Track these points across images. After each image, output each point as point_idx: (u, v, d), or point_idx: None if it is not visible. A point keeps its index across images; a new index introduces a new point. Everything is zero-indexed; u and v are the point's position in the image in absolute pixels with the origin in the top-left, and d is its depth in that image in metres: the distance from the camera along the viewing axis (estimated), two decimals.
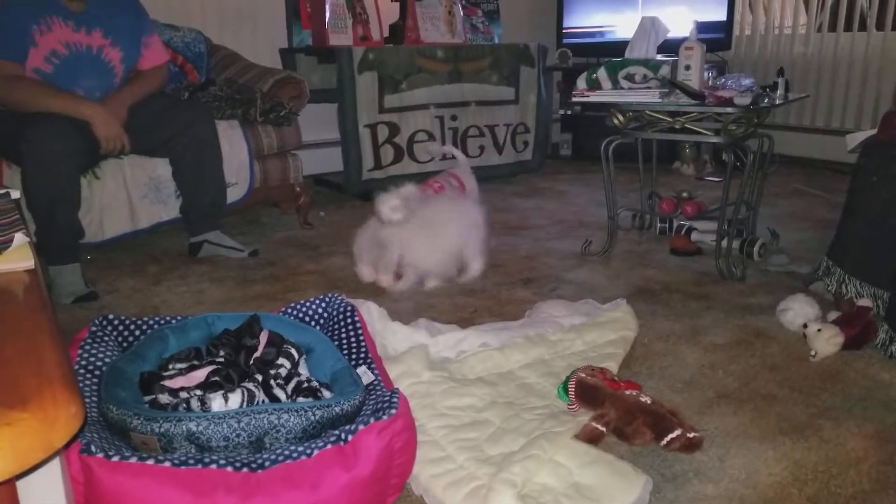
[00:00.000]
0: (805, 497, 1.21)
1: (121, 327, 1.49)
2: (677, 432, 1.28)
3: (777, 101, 2.28)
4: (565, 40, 4.52)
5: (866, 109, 3.85)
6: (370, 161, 3.38)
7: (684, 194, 2.71)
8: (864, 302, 1.84)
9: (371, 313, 1.75)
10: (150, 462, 1.01)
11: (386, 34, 3.61)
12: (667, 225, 2.71)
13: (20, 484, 0.72)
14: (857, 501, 1.20)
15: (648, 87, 2.38)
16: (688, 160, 4.07)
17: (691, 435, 1.29)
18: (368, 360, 1.45)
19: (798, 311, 1.87)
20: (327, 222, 3.07)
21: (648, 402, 1.35)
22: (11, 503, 0.69)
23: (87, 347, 1.37)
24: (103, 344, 1.41)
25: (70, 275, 2.18)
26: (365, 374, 1.38)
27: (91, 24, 2.28)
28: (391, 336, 1.73)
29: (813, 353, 1.72)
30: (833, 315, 1.86)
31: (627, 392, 1.38)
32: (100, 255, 2.50)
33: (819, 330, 1.74)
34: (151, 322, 1.52)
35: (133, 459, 1.01)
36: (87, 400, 1.23)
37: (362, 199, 3.44)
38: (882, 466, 1.29)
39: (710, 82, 2.35)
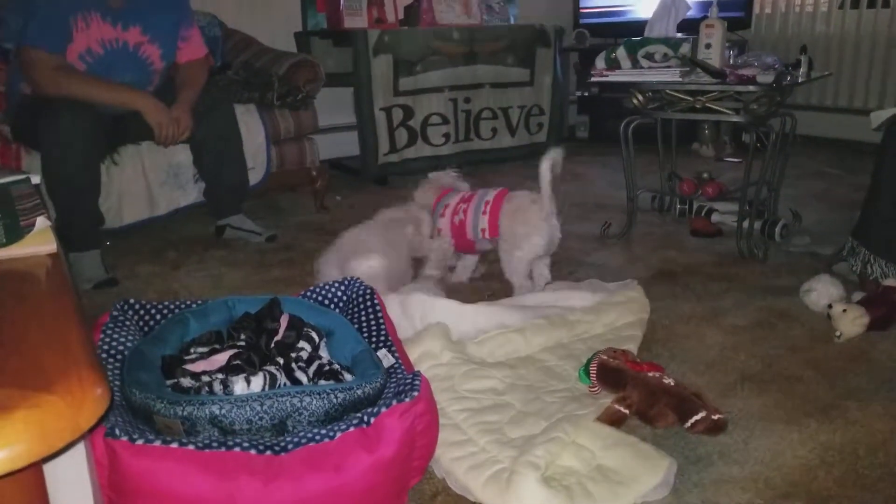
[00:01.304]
0: (832, 479, 1.19)
1: (141, 311, 1.50)
2: (701, 414, 1.27)
3: (800, 79, 2.23)
4: (582, 20, 4.46)
5: (890, 88, 3.78)
6: (386, 145, 3.37)
7: (705, 175, 2.67)
8: (890, 282, 1.80)
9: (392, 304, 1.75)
10: (175, 445, 1.01)
11: (401, 16, 3.58)
12: (687, 206, 2.68)
13: (46, 468, 0.72)
14: (886, 483, 1.18)
15: (668, 66, 2.34)
16: (707, 141, 4.01)
17: (716, 417, 1.28)
18: (389, 343, 1.44)
19: (822, 291, 1.85)
20: (344, 206, 3.06)
21: (672, 384, 1.34)
22: (38, 486, 0.69)
23: (109, 332, 1.38)
24: (125, 328, 1.42)
25: (90, 261, 2.19)
26: (385, 358, 1.37)
27: (129, 21, 2.23)
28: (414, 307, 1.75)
29: (838, 333, 1.70)
30: (858, 295, 1.83)
31: (650, 374, 1.36)
32: (119, 241, 2.52)
33: (844, 310, 1.71)
34: (172, 306, 1.53)
35: (157, 443, 1.01)
36: (110, 384, 1.24)
37: (378, 184, 3.43)
38: None
39: (731, 61, 2.31)
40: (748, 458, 1.25)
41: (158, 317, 1.50)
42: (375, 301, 1.56)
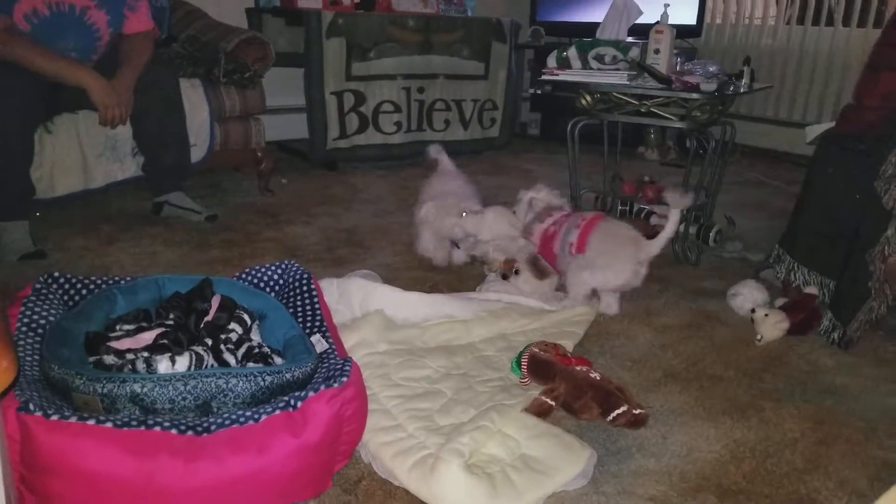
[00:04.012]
0: (741, 474, 1.25)
1: (66, 286, 1.46)
2: (623, 408, 1.31)
3: (742, 90, 2.31)
4: (538, 17, 4.49)
5: (828, 103, 3.93)
6: (335, 130, 3.34)
7: (646, 178, 2.74)
8: (811, 290, 1.89)
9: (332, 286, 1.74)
10: (91, 422, 0.99)
11: None
12: (627, 208, 2.74)
13: None
14: (791, 479, 1.24)
15: (617, 69, 2.39)
16: (652, 145, 4.11)
17: (637, 412, 1.32)
18: (323, 329, 1.44)
19: (747, 296, 1.92)
20: (288, 189, 3.02)
21: (597, 378, 1.37)
22: None
23: (31, 305, 1.34)
24: (47, 302, 1.37)
25: (17, 231, 2.11)
26: (319, 343, 1.37)
27: None
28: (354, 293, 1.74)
29: (759, 337, 1.77)
30: (781, 301, 1.91)
31: (578, 368, 1.40)
32: (50, 213, 2.43)
33: (766, 315, 1.79)
34: (99, 282, 1.49)
35: (73, 419, 0.99)
36: (28, 358, 1.20)
37: (327, 168, 3.40)
38: (816, 447, 1.34)
39: (677, 67, 2.37)
40: (665, 451, 1.29)
41: (84, 292, 1.46)
42: (312, 286, 1.56)
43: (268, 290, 1.59)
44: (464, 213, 2.09)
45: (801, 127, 2.78)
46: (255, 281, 1.60)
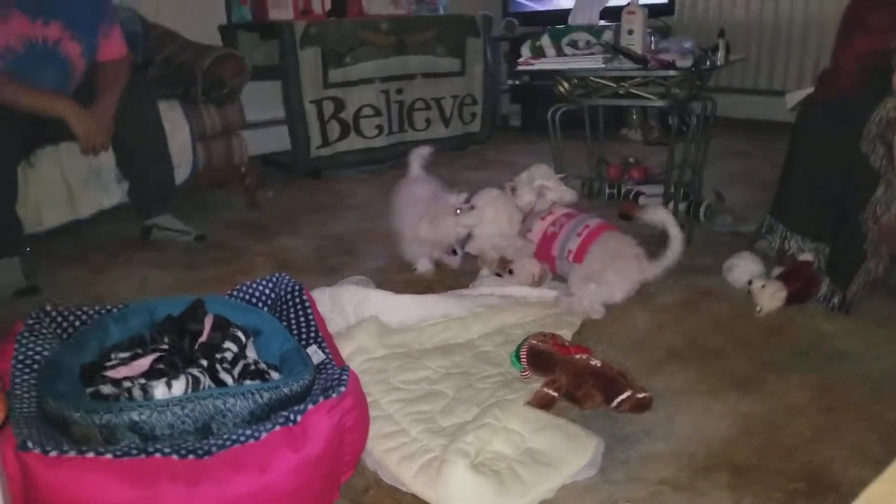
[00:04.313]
0: (752, 449, 1.24)
1: (59, 318, 1.44)
2: (627, 394, 1.30)
3: (718, 63, 2.30)
4: (511, 9, 4.48)
5: (807, 69, 3.92)
6: (318, 138, 3.32)
7: (631, 160, 2.74)
8: (806, 257, 1.88)
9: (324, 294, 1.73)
10: (91, 455, 0.98)
11: (328, 7, 3.52)
12: (615, 191, 2.74)
13: None
14: (802, 450, 1.23)
15: (592, 54, 2.38)
16: (635, 126, 4.11)
17: (641, 395, 1.31)
18: (319, 339, 1.42)
19: (743, 268, 1.92)
20: (275, 202, 3.01)
21: (598, 365, 1.37)
22: None
23: (24, 341, 1.32)
24: (41, 336, 1.36)
25: (7, 269, 2.10)
26: (315, 354, 1.36)
27: (49, 15, 2.09)
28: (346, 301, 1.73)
29: (758, 308, 1.77)
30: (777, 271, 1.90)
31: (577, 356, 1.39)
32: (40, 246, 2.41)
33: (763, 286, 1.78)
34: (91, 311, 1.47)
35: (72, 453, 0.98)
36: (25, 395, 1.19)
37: (311, 177, 3.39)
38: (823, 415, 1.34)
39: (652, 46, 2.36)
40: (672, 433, 1.29)
41: (77, 323, 1.45)
42: (304, 297, 1.54)
43: (260, 305, 1.58)
44: (458, 211, 2.03)
45: (781, 95, 2.77)
46: (247, 297, 1.58)
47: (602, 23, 2.65)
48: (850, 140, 1.69)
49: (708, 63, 2.25)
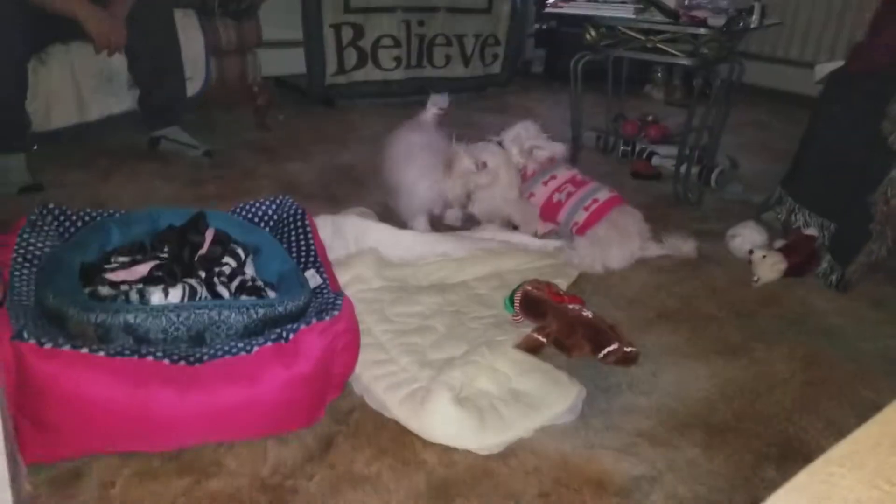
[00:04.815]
0: (730, 412, 1.26)
1: (62, 217, 1.45)
2: (614, 346, 1.32)
3: (752, 25, 2.24)
4: None
5: (841, 42, 3.80)
6: (333, 65, 3.26)
7: (649, 118, 2.69)
8: (811, 231, 1.87)
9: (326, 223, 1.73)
10: (84, 350, 1.00)
11: None
12: (630, 148, 2.71)
13: None
14: (779, 419, 1.26)
15: (624, 2, 2.32)
16: (659, 84, 4.03)
17: (628, 349, 1.33)
18: (317, 264, 1.44)
19: (746, 237, 1.91)
20: (285, 126, 2.98)
21: (589, 316, 1.38)
22: None
23: (26, 236, 1.33)
24: (42, 233, 1.37)
25: (14, 164, 2.10)
26: (313, 278, 1.37)
27: None
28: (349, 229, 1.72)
29: (756, 278, 1.77)
30: (780, 243, 1.90)
31: (570, 306, 1.40)
32: (47, 146, 2.40)
33: (764, 256, 1.78)
34: (94, 214, 1.48)
35: (66, 347, 1.00)
36: (24, 288, 1.21)
37: (325, 105, 3.34)
38: (805, 387, 1.35)
39: (686, 2, 2.29)
40: (655, 389, 1.31)
41: (80, 224, 1.46)
42: (306, 221, 1.55)
43: (262, 224, 1.58)
44: (476, 165, 1.88)
45: (810, 67, 2.70)
46: (250, 216, 1.59)
47: None
48: (873, 118, 1.66)
49: (741, 24, 2.19)
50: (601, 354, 1.32)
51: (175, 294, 1.18)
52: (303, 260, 1.45)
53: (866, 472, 0.38)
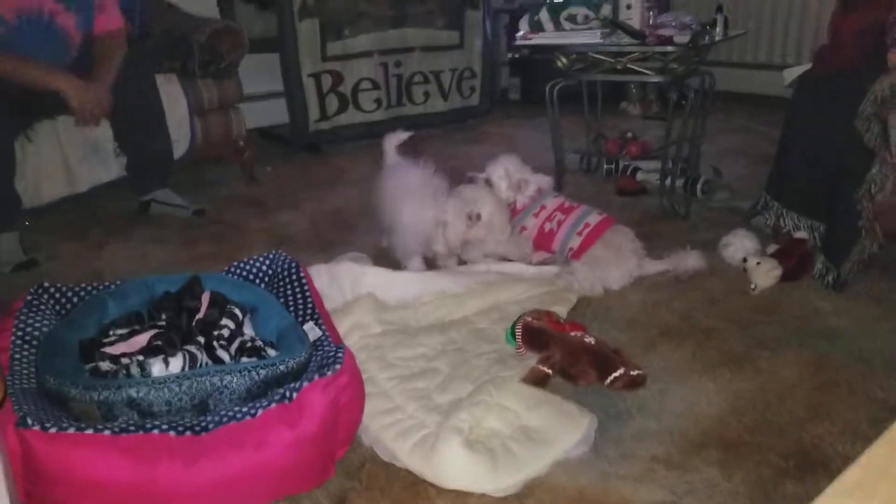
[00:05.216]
0: (743, 427, 1.26)
1: (58, 295, 1.45)
2: (620, 371, 1.31)
3: (716, 38, 2.28)
4: None
5: (806, 43, 3.88)
6: (316, 112, 3.30)
7: (629, 135, 2.73)
8: (801, 234, 1.89)
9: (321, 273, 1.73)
10: (89, 431, 0.99)
11: None
12: (613, 166, 2.73)
13: None
14: (793, 428, 1.25)
15: (590, 28, 2.36)
16: (634, 100, 4.08)
17: (634, 373, 1.32)
18: (315, 316, 1.44)
19: (739, 245, 1.92)
20: (274, 177, 3.00)
21: (592, 342, 1.38)
22: None
23: (23, 318, 1.33)
24: (40, 313, 1.37)
25: (7, 243, 2.10)
26: (312, 331, 1.37)
27: None
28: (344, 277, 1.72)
29: (753, 286, 1.77)
30: (772, 248, 1.91)
31: (572, 333, 1.40)
32: (39, 220, 2.41)
33: (758, 263, 1.79)
34: (89, 288, 1.48)
35: (71, 429, 0.99)
36: (24, 371, 1.20)
37: (310, 152, 3.37)
38: (815, 392, 1.35)
39: (651, 21, 2.33)
40: (665, 410, 1.30)
41: (76, 300, 1.46)
42: (301, 274, 1.55)
43: (257, 281, 1.59)
44: (469, 218, 1.90)
45: (780, 69, 2.75)
46: (244, 274, 1.59)
47: None
48: (846, 117, 1.68)
49: (706, 39, 2.23)
50: (608, 381, 1.31)
51: (175, 363, 1.18)
52: (300, 313, 1.45)
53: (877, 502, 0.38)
